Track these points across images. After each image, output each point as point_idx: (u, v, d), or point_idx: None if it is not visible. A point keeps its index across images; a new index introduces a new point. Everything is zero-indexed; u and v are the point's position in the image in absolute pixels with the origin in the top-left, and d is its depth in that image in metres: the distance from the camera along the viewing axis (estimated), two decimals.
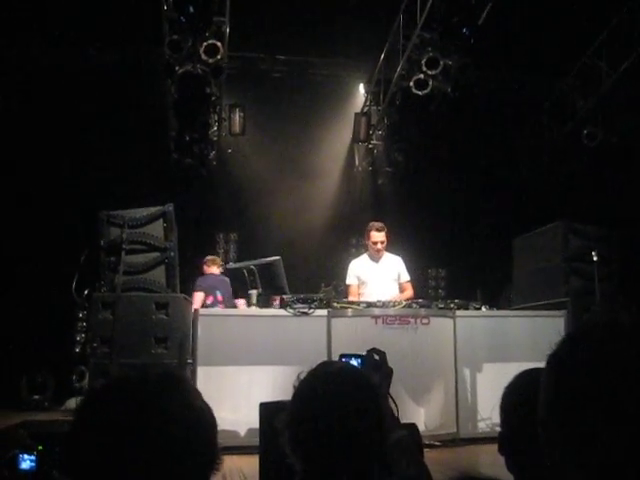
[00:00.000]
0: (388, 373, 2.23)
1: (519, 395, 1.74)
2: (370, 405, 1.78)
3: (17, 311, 9.04)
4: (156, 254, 6.01)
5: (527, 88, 10.37)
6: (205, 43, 8.25)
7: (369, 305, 6.01)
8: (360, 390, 1.80)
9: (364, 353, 2.29)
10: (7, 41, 9.08)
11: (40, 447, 2.19)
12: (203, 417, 1.21)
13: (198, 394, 1.24)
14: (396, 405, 2.11)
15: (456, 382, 6.06)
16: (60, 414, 8.48)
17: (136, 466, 1.10)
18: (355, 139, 10.69)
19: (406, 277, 6.76)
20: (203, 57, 8.32)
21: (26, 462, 2.10)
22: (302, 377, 1.90)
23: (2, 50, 9.17)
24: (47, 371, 9.26)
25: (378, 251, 6.64)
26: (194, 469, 1.15)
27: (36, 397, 9.18)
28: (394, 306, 6.02)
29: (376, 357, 2.20)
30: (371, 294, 6.47)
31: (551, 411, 0.98)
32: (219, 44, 8.32)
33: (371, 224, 6.79)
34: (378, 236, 6.63)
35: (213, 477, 1.18)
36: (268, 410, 3.55)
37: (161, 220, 6.08)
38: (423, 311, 6.02)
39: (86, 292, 6.06)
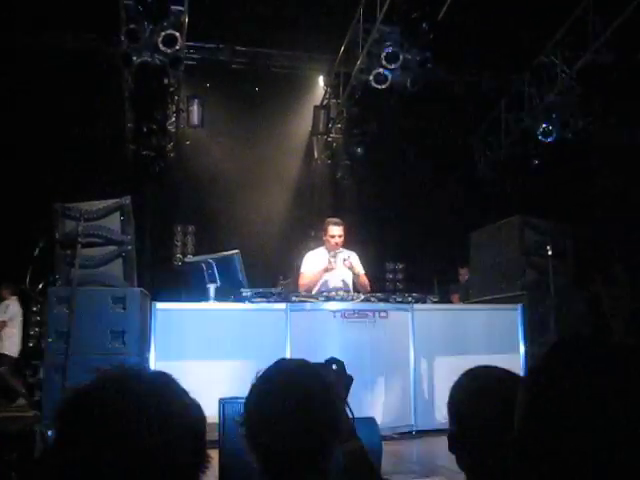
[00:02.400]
0: (347, 382, 2.24)
1: (466, 394, 1.77)
2: (325, 403, 1.79)
3: None
4: (113, 247, 5.90)
5: (485, 84, 10.48)
6: (163, 33, 8.13)
7: (328, 299, 6.02)
8: (316, 388, 1.80)
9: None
10: None
11: None
12: (194, 413, 1.21)
13: (186, 391, 1.24)
14: (352, 415, 2.13)
15: (413, 375, 6.13)
16: (13, 410, 8.35)
17: (128, 466, 1.10)
18: (314, 132, 10.69)
19: (361, 270, 6.77)
20: (161, 47, 8.20)
21: None
22: (259, 374, 1.91)
23: None
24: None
25: (336, 244, 6.64)
26: (186, 467, 1.16)
27: None
28: (353, 299, 6.05)
29: (334, 366, 2.21)
30: (326, 285, 6.48)
31: (524, 426, 1.00)
32: (177, 34, 8.21)
33: (329, 219, 6.80)
34: (336, 230, 6.63)
35: (203, 475, 1.19)
36: (227, 406, 3.54)
37: (118, 213, 5.97)
38: (381, 305, 6.07)
39: (41, 286, 5.94)
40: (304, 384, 1.79)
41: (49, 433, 4.92)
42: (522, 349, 6.49)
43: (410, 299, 6.31)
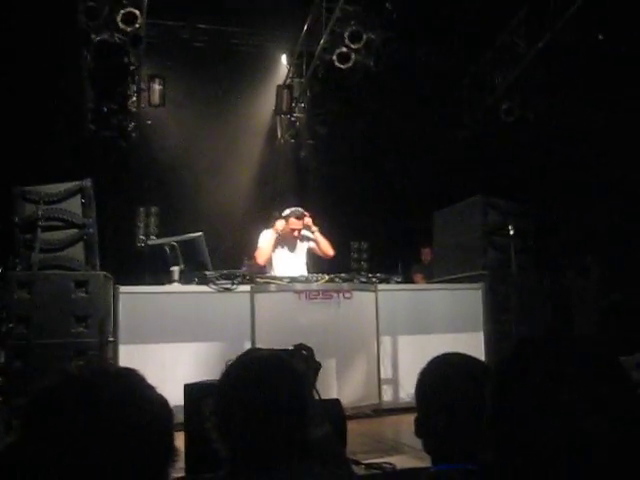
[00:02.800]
0: (316, 368, 2.27)
1: (432, 381, 1.80)
2: (296, 391, 1.81)
3: None
4: (74, 231, 5.82)
5: (447, 63, 10.49)
6: (122, 11, 7.99)
7: (292, 280, 6.03)
8: (287, 377, 1.82)
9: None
10: None
11: None
12: (161, 409, 1.21)
13: (152, 387, 1.24)
14: (319, 397, 2.16)
15: (378, 355, 6.18)
16: None
17: (96, 462, 1.10)
18: (277, 111, 10.62)
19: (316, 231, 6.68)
20: (121, 25, 8.06)
21: None
22: (229, 363, 1.92)
23: None
24: None
25: (295, 238, 6.57)
26: (154, 462, 1.16)
27: None
28: (317, 280, 6.06)
29: (304, 352, 2.24)
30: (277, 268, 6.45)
31: (492, 416, 1.03)
32: (137, 12, 8.07)
33: (292, 210, 6.63)
34: (297, 223, 6.54)
35: (171, 470, 1.20)
36: (193, 391, 3.54)
37: (79, 195, 5.88)
38: (345, 285, 6.09)
39: None
40: (275, 373, 1.81)
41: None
42: (484, 328, 6.59)
43: (374, 279, 6.36)
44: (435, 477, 1.74)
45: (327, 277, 6.10)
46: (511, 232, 6.68)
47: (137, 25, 8.10)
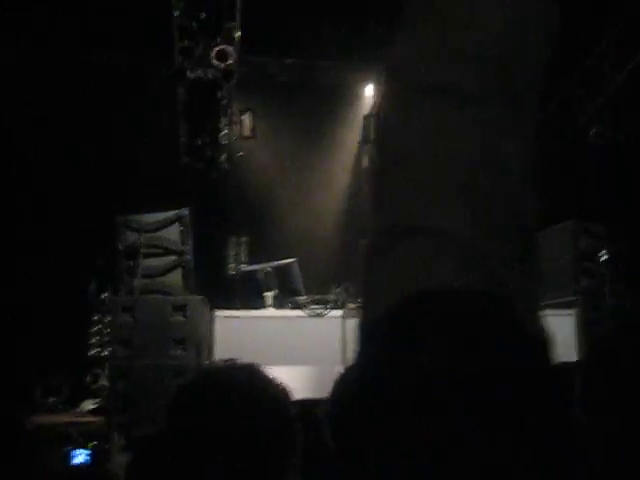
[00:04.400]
0: None
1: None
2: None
3: (31, 314, 9.15)
4: (173, 257, 6.10)
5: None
6: (216, 48, 8.35)
7: None
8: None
9: None
10: (10, 41, 9.15)
11: (93, 443, 2.29)
12: (281, 394, 1.33)
13: (273, 378, 1.35)
14: None
15: None
16: (77, 416, 8.59)
17: (231, 441, 1.22)
18: (364, 140, 10.75)
19: None
20: (214, 62, 8.42)
21: (79, 457, 2.20)
22: (341, 376, 2.00)
23: (11, 52, 9.25)
24: (61, 374, 9.34)
25: None
26: (278, 444, 1.27)
27: (51, 399, 9.26)
28: None
29: None
30: None
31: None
32: (230, 49, 8.41)
33: None
34: None
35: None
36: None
37: (177, 224, 6.17)
38: None
39: (104, 296, 6.16)
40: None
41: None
42: (578, 355, 6.45)
43: None
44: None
45: None
46: (604, 257, 6.56)
47: (230, 61, 8.44)
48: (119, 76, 9.64)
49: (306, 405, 2.54)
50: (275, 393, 1.32)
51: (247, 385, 1.29)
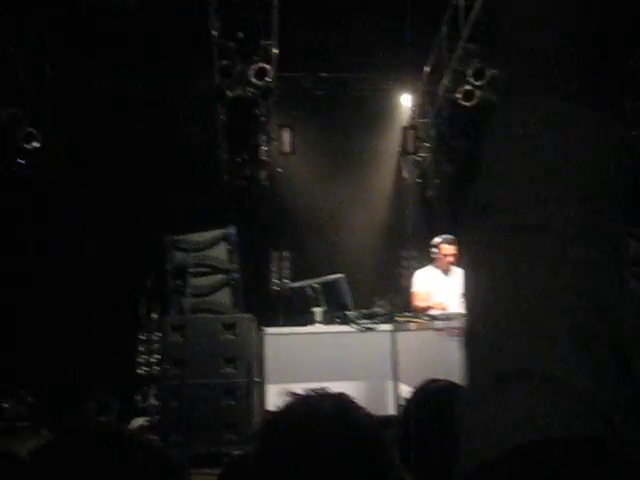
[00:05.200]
0: None
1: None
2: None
3: (81, 334, 9.29)
4: (221, 276, 6.15)
5: None
6: (254, 66, 8.43)
7: (432, 318, 6.07)
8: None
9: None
10: (56, 65, 9.35)
11: None
12: (372, 424, 1.32)
13: (364, 408, 1.35)
14: None
15: None
16: None
17: (319, 469, 1.23)
18: (403, 152, 10.74)
19: None
20: (253, 80, 8.50)
21: None
22: (408, 397, 1.99)
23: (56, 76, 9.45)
24: (112, 393, 9.46)
25: (449, 263, 6.73)
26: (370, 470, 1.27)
27: (102, 418, 9.37)
28: (456, 318, 6.06)
29: None
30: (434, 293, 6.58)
31: None
32: (268, 67, 8.49)
33: (442, 237, 6.88)
34: (450, 249, 6.73)
35: None
36: None
37: (224, 242, 6.22)
38: None
39: (154, 315, 6.22)
40: (452, 400, 1.87)
41: None
42: None
43: None
44: None
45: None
46: None
47: (268, 79, 8.52)
48: (160, 97, 9.79)
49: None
50: (365, 423, 1.32)
51: (336, 415, 1.29)
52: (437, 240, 6.87)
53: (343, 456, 1.26)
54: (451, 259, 6.76)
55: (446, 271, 6.84)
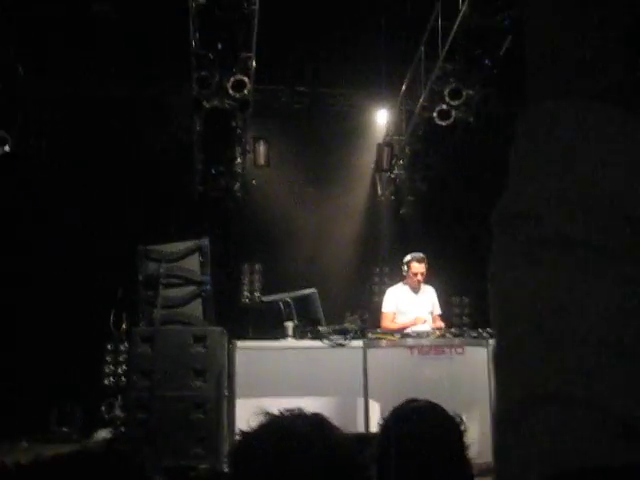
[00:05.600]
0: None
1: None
2: (451, 443, 1.86)
3: (46, 342, 9.14)
4: (193, 287, 6.09)
5: None
6: (232, 78, 8.42)
7: (403, 335, 6.08)
8: (446, 426, 1.88)
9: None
10: (31, 71, 9.24)
11: None
12: (347, 444, 1.31)
13: (337, 427, 1.34)
14: None
15: (491, 410, 6.09)
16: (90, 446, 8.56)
17: None
18: (378, 169, 10.80)
19: (438, 310, 6.90)
20: (230, 92, 8.49)
21: None
22: (386, 415, 1.99)
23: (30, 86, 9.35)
24: (75, 403, 9.32)
25: (418, 282, 6.75)
26: None
27: (65, 429, 9.22)
28: (428, 336, 6.09)
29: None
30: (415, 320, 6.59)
31: None
32: (246, 79, 8.49)
33: (411, 255, 6.89)
34: (419, 267, 6.75)
35: None
36: None
37: (197, 254, 6.17)
38: (457, 341, 6.08)
39: (124, 327, 6.15)
40: (430, 421, 1.87)
41: None
42: None
43: (485, 334, 6.31)
44: None
45: (438, 332, 6.12)
46: None
47: (245, 91, 8.51)
48: (136, 107, 9.72)
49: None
50: (341, 442, 1.30)
51: (311, 435, 1.28)
52: (407, 258, 6.88)
53: (320, 476, 1.25)
54: (420, 277, 6.77)
55: (416, 289, 6.86)
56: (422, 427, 1.84)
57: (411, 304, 6.80)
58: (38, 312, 9.14)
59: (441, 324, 6.78)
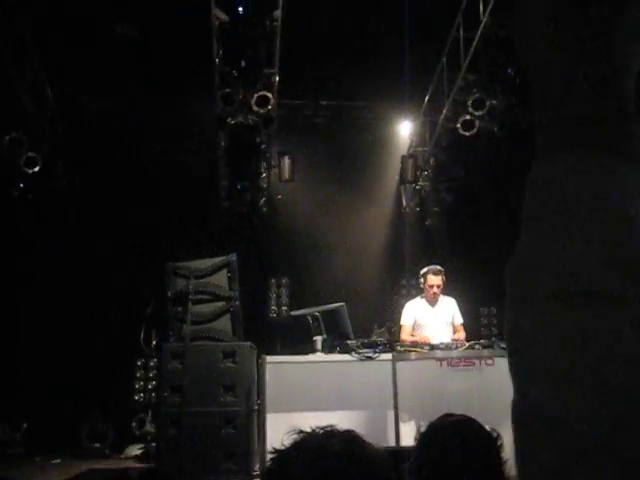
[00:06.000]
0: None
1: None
2: (491, 457, 1.86)
3: (77, 359, 9.24)
4: (221, 303, 6.13)
5: None
6: (256, 95, 8.49)
7: (433, 347, 6.06)
8: (482, 439, 1.88)
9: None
10: (58, 90, 9.39)
11: None
12: (383, 460, 1.32)
13: (370, 443, 1.35)
14: None
15: None
16: (120, 462, 8.61)
17: None
18: (403, 181, 10.80)
19: (459, 320, 6.85)
20: (254, 108, 8.56)
21: None
22: (422, 429, 2.00)
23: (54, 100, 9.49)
24: (106, 419, 9.39)
25: (434, 295, 6.72)
26: None
27: (96, 445, 9.29)
28: (457, 348, 6.06)
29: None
30: (427, 338, 6.54)
31: None
32: (269, 95, 8.55)
33: (428, 268, 6.85)
34: (435, 280, 6.71)
35: None
36: None
37: (225, 270, 6.22)
38: (486, 352, 6.03)
39: (155, 342, 6.20)
40: (467, 436, 1.88)
41: None
42: None
43: None
44: None
45: (467, 344, 6.09)
46: None
47: (269, 107, 8.58)
48: (163, 123, 9.84)
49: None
50: (375, 460, 1.32)
51: (345, 453, 1.29)
52: (423, 270, 6.85)
53: None
54: (436, 290, 6.72)
55: (432, 301, 6.82)
56: (459, 442, 1.84)
57: (428, 317, 6.76)
58: (70, 329, 9.25)
59: (461, 334, 6.72)
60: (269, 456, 1.40)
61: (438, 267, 6.83)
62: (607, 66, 0.61)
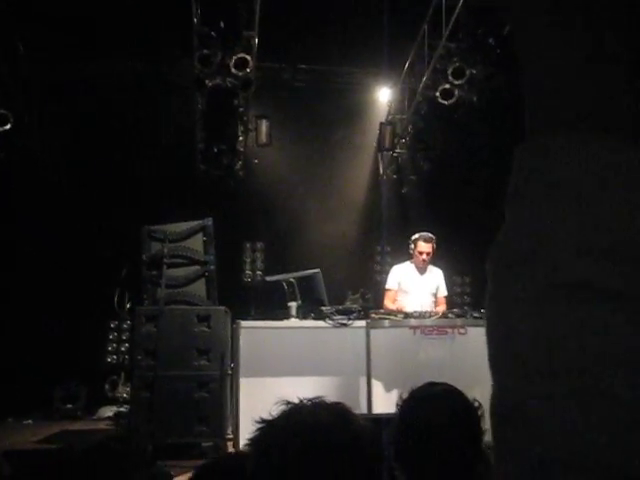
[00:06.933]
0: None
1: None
2: (468, 426, 1.88)
3: (50, 321, 9.19)
4: (196, 267, 6.11)
5: None
6: (235, 57, 8.37)
7: (406, 316, 6.10)
8: (459, 408, 1.90)
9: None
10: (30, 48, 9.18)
11: None
12: (370, 436, 1.34)
13: (357, 415, 1.36)
14: None
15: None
16: (93, 423, 8.63)
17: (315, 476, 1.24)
18: (380, 148, 10.77)
19: (444, 292, 6.88)
20: (233, 70, 8.45)
21: None
22: (404, 396, 2.01)
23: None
24: (79, 381, 9.38)
25: (423, 262, 6.72)
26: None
27: (69, 406, 9.29)
28: (430, 317, 6.11)
29: None
30: (410, 304, 6.56)
31: None
32: (248, 57, 8.44)
33: (419, 234, 6.81)
34: (425, 247, 6.70)
35: None
36: None
37: (201, 234, 6.18)
38: (460, 321, 6.10)
39: (128, 306, 6.17)
40: (451, 405, 1.90)
41: None
42: None
43: None
44: None
45: (441, 313, 6.15)
46: None
47: (248, 70, 8.47)
48: (137, 86, 9.67)
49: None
50: (363, 433, 1.33)
51: (335, 425, 1.30)
52: (414, 237, 6.83)
53: (344, 465, 1.27)
54: (425, 257, 6.72)
55: (421, 269, 6.84)
56: (441, 410, 1.87)
57: (414, 284, 6.79)
58: (42, 291, 9.17)
59: (442, 308, 6.72)
60: (257, 425, 1.39)
61: (430, 234, 6.81)
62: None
